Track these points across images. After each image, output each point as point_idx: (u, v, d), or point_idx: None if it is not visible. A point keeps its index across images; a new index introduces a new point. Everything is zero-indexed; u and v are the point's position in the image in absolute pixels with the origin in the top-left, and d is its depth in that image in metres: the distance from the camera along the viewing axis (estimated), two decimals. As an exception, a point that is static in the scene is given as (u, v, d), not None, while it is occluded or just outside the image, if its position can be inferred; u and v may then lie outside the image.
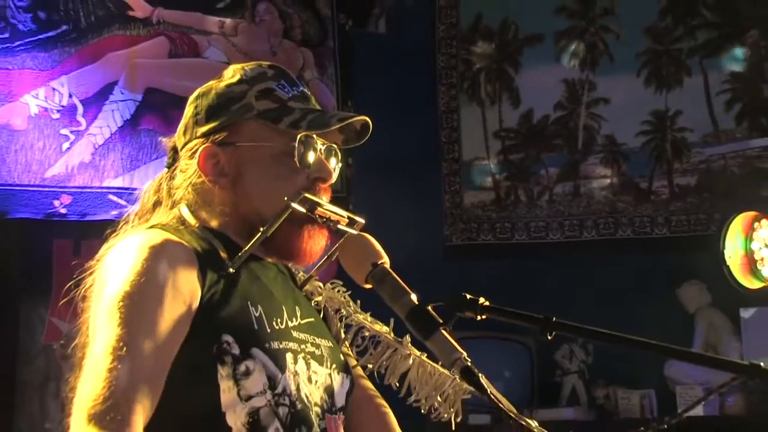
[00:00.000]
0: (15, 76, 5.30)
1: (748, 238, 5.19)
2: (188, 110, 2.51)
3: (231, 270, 2.32)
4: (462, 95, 6.26)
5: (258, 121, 2.40)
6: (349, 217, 2.41)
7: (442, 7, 6.32)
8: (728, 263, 5.15)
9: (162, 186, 2.53)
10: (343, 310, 2.60)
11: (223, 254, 2.37)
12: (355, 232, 2.38)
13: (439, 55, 6.30)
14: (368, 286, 2.26)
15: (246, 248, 2.35)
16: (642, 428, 2.47)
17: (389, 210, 5.72)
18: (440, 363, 2.44)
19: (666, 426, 2.41)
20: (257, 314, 2.33)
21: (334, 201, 2.46)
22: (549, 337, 2.23)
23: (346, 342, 2.61)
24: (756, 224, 5.20)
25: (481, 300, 2.18)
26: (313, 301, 2.59)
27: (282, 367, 2.31)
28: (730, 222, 5.21)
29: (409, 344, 2.51)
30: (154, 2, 5.64)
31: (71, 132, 5.38)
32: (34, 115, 5.32)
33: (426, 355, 2.51)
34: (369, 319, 2.58)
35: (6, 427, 5.42)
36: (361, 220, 2.41)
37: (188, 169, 2.46)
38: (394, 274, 2.23)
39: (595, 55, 6.15)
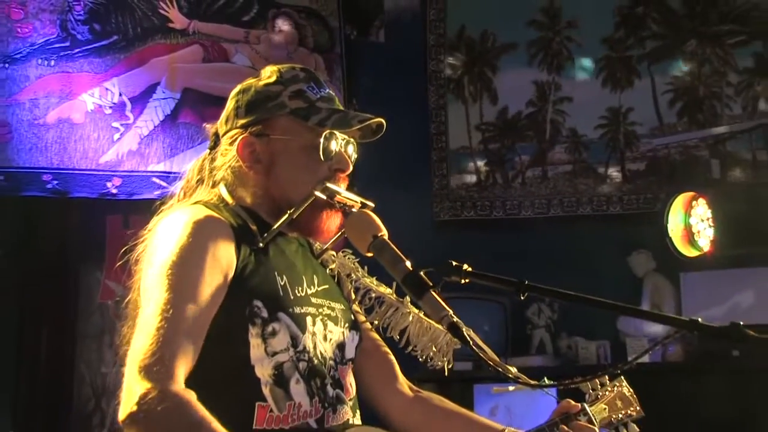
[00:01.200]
0: (74, 78, 5.35)
1: (687, 214, 5.17)
2: (230, 103, 2.54)
3: (261, 245, 2.37)
4: (449, 94, 6.26)
5: (290, 118, 2.44)
6: (361, 202, 2.44)
7: (432, 21, 6.30)
8: (671, 235, 5.16)
9: (204, 166, 2.57)
10: (353, 275, 2.63)
11: (253, 229, 2.41)
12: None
13: (429, 61, 6.29)
14: (369, 254, 2.29)
15: (275, 227, 2.39)
16: (600, 373, 2.61)
17: (388, 191, 5.73)
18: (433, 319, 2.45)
19: (619, 371, 2.63)
20: (282, 283, 2.38)
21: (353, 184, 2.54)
22: (522, 297, 2.27)
23: (356, 302, 2.65)
24: (694, 203, 5.18)
25: (465, 266, 2.25)
26: (328, 269, 2.61)
27: (303, 329, 2.36)
28: (672, 201, 5.21)
29: (409, 303, 2.57)
30: (190, 16, 5.65)
31: (121, 125, 5.42)
32: (90, 111, 5.36)
33: (423, 312, 2.53)
34: (375, 282, 2.63)
35: (69, 371, 5.51)
36: (371, 204, 2.44)
37: (228, 154, 2.49)
38: (392, 245, 2.27)
39: (560, 61, 6.16)
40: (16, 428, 5.41)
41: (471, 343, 2.18)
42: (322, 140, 2.41)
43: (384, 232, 2.30)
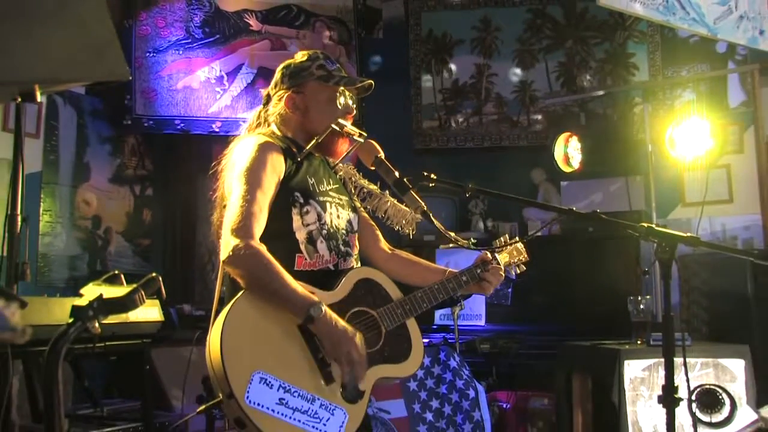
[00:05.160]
0: (193, 62, 5.47)
1: (566, 145, 5.23)
2: (277, 74, 2.57)
3: (299, 159, 2.44)
4: (422, 70, 6.30)
5: (316, 81, 2.50)
6: (360, 133, 2.46)
7: (411, 25, 6.31)
8: (556, 158, 5.24)
9: (260, 115, 2.60)
10: (353, 178, 2.69)
11: (294, 150, 2.44)
12: (362, 140, 2.44)
13: (410, 50, 6.32)
14: (372, 168, 2.39)
15: (307, 148, 2.46)
16: (513, 240, 2.72)
17: (386, 130, 5.77)
18: (410, 209, 2.48)
19: (525, 240, 2.72)
20: (312, 182, 2.45)
21: (355, 122, 2.56)
22: (467, 195, 2.49)
23: (355, 194, 2.68)
24: (570, 139, 5.22)
25: (432, 175, 2.37)
26: (338, 175, 2.63)
27: (324, 210, 2.43)
28: (557, 138, 5.26)
29: (388, 195, 2.66)
30: (263, 22, 5.64)
31: (221, 90, 5.50)
32: (202, 81, 5.47)
33: (397, 200, 2.62)
34: (366, 182, 2.70)
35: (193, 237, 5.79)
36: (365, 134, 2.46)
37: (277, 106, 2.52)
38: (387, 162, 2.37)
39: (491, 51, 6.19)
40: (166, 268, 5.60)
41: (435, 222, 2.34)
42: (337, 95, 2.49)
43: (382, 154, 2.39)
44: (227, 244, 2.17)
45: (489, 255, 2.66)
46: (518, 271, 2.77)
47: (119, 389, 4.59)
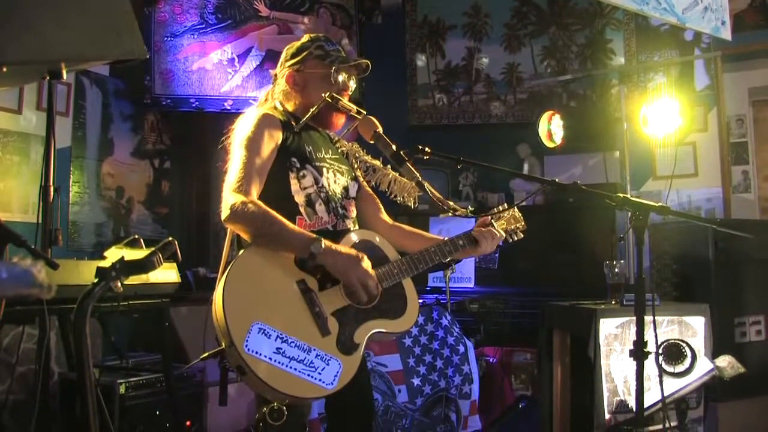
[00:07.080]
0: (207, 45, 5.38)
1: (549, 123, 5.16)
2: (283, 55, 2.58)
3: (296, 130, 2.43)
4: (417, 53, 6.30)
5: (315, 60, 2.50)
6: (358, 110, 2.45)
7: (408, 11, 6.32)
8: (540, 135, 5.17)
9: (269, 92, 2.61)
10: (357, 154, 2.67)
11: (293, 123, 2.43)
12: (360, 117, 2.41)
13: (407, 34, 6.33)
14: (372, 141, 2.38)
15: (304, 119, 2.44)
16: (509, 208, 2.68)
17: (385, 107, 5.81)
18: (406, 179, 2.53)
19: (514, 207, 2.67)
20: (309, 149, 2.43)
21: (354, 102, 2.51)
22: (458, 167, 2.50)
23: (359, 169, 2.66)
24: (553, 117, 5.17)
25: (427, 149, 2.35)
26: (339, 150, 2.60)
27: (321, 174, 2.41)
28: (540, 115, 5.20)
29: (390, 169, 2.65)
30: (271, 8, 5.57)
31: (232, 71, 5.42)
32: (215, 63, 5.38)
33: (399, 174, 2.62)
34: (369, 157, 2.69)
35: (207, 203, 5.67)
36: (363, 111, 2.44)
37: (281, 83, 2.54)
38: (385, 136, 2.36)
39: (480, 35, 6.19)
40: (182, 234, 5.56)
41: (429, 192, 2.33)
42: (332, 72, 2.48)
43: (380, 129, 2.38)
44: (226, 203, 2.16)
45: (487, 220, 2.64)
46: (515, 238, 2.71)
47: (142, 343, 4.63)
